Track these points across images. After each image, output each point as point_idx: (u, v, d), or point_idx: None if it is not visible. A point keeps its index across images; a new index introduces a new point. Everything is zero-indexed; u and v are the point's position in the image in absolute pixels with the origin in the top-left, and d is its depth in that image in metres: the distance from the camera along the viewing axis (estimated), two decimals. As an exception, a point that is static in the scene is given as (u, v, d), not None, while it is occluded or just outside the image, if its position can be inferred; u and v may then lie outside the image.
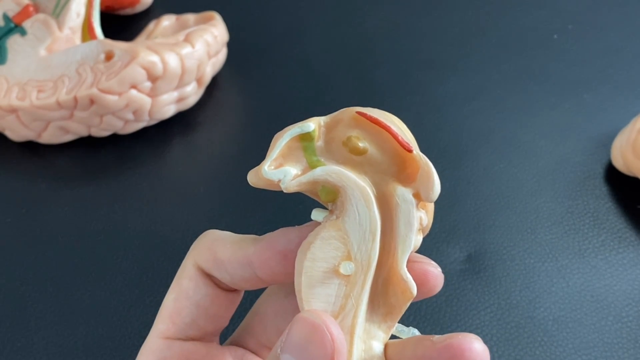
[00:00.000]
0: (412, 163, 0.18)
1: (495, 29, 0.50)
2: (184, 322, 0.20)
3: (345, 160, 0.18)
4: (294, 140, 0.18)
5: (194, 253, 0.20)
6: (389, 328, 0.18)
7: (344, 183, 0.18)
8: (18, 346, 0.32)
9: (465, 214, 0.37)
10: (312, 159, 0.18)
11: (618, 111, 0.43)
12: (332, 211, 0.18)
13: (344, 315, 0.18)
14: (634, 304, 0.33)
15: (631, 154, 0.36)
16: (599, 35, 0.49)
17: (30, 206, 0.39)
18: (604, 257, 0.35)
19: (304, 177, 0.18)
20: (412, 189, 0.18)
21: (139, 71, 0.38)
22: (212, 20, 0.44)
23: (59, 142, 0.41)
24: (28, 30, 0.40)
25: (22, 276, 0.35)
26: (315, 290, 0.18)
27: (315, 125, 0.18)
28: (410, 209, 0.18)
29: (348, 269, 0.18)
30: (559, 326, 0.32)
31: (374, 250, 0.18)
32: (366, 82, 0.46)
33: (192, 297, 0.20)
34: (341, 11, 0.52)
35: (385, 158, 0.18)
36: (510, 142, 0.41)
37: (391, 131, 0.18)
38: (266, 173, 0.18)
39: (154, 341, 0.20)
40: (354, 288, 0.18)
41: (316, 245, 0.18)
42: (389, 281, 0.18)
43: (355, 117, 0.18)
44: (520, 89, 0.45)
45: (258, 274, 0.19)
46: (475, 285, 0.34)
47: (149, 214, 0.38)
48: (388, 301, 0.18)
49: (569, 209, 0.38)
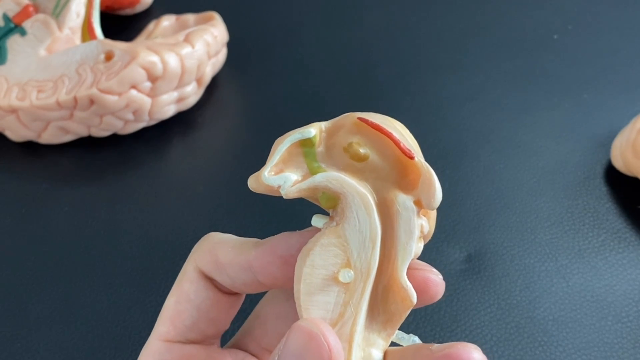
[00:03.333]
0: (413, 170, 0.18)
1: (495, 29, 0.50)
2: (184, 325, 0.20)
3: (346, 167, 0.18)
4: (295, 145, 0.18)
5: (195, 256, 0.20)
6: (388, 336, 0.18)
7: (345, 190, 0.18)
8: (18, 346, 0.32)
9: (465, 214, 0.37)
10: (312, 165, 0.18)
11: (618, 111, 0.43)
12: (333, 218, 0.18)
13: (342, 323, 0.18)
14: (634, 304, 0.33)
15: (631, 154, 0.36)
16: (599, 35, 0.49)
17: (30, 206, 0.39)
18: (604, 257, 0.35)
19: (304, 184, 0.18)
20: (413, 196, 0.18)
21: (139, 71, 0.38)
22: (212, 20, 0.44)
23: (59, 142, 0.41)
24: (28, 30, 0.40)
25: (22, 276, 0.35)
26: (314, 297, 0.18)
27: (316, 131, 0.18)
28: (411, 217, 0.18)
29: (347, 277, 0.18)
30: (559, 326, 0.32)
31: (373, 258, 0.18)
32: (366, 82, 0.46)
33: (192, 300, 0.20)
34: (341, 11, 0.52)
35: (387, 164, 0.18)
36: (510, 142, 0.41)
37: (392, 137, 0.18)
38: (266, 179, 0.18)
39: (155, 343, 0.20)
40: (353, 296, 0.18)
41: (315, 252, 0.18)
42: (389, 289, 0.18)
43: (356, 123, 0.18)
44: (520, 89, 0.45)
45: (258, 278, 0.19)
46: (475, 285, 0.34)
47: (149, 214, 0.38)
48: (388, 309, 0.18)
49: (569, 209, 0.38)
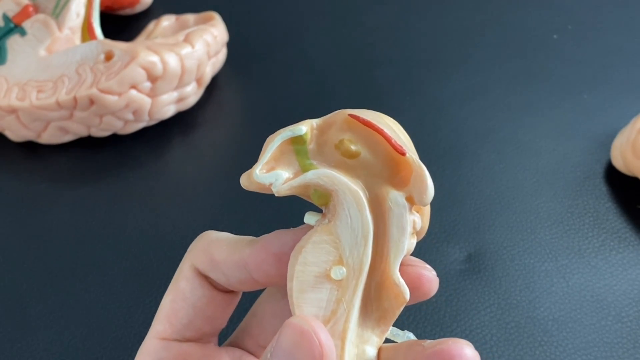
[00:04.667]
0: (405, 166, 0.18)
1: (495, 29, 0.50)
2: (180, 323, 0.20)
3: (338, 164, 0.18)
4: (286, 143, 0.18)
5: (191, 255, 0.21)
6: (382, 332, 0.18)
7: (336, 187, 0.18)
8: (18, 346, 0.32)
9: (465, 214, 0.37)
10: (304, 162, 0.18)
11: (618, 111, 0.43)
12: (325, 215, 0.18)
13: (335, 320, 0.18)
14: (634, 304, 0.33)
15: (631, 153, 0.36)
16: (599, 35, 0.49)
17: (30, 206, 0.39)
18: (604, 257, 0.35)
19: (295, 181, 0.18)
20: (405, 193, 0.18)
21: (139, 71, 0.38)
22: (211, 20, 0.44)
23: (59, 142, 0.41)
24: (28, 30, 0.40)
25: (22, 276, 0.35)
26: (307, 294, 0.18)
27: (308, 128, 0.18)
28: (402, 213, 0.18)
29: (339, 274, 0.18)
30: (559, 326, 0.32)
31: (366, 255, 0.18)
32: (366, 81, 0.46)
33: (188, 298, 0.20)
34: (341, 11, 0.52)
35: (378, 161, 0.18)
36: (510, 142, 0.41)
37: (384, 134, 0.18)
38: (257, 177, 0.18)
39: (151, 342, 0.20)
40: (346, 293, 0.18)
41: (307, 250, 0.18)
42: (382, 285, 0.18)
43: (347, 120, 0.18)
44: (520, 89, 0.45)
45: (253, 276, 0.19)
46: (475, 285, 0.34)
47: (148, 214, 0.38)
48: (381, 305, 0.18)
49: (569, 209, 0.38)
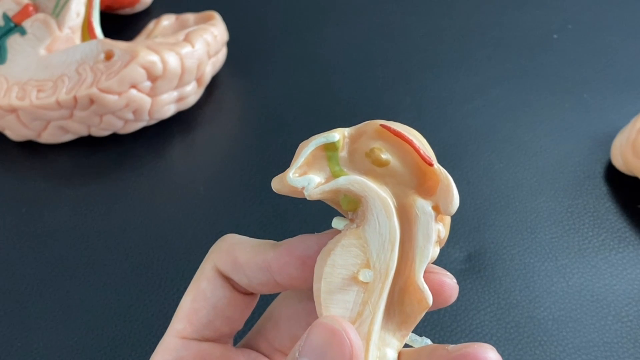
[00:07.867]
0: (432, 176, 0.19)
1: (495, 29, 0.50)
2: (200, 323, 0.21)
3: (368, 171, 0.19)
4: (319, 149, 0.19)
5: (213, 256, 0.21)
6: (403, 337, 0.19)
7: (366, 193, 0.18)
8: (18, 346, 0.32)
9: (465, 214, 0.37)
10: (335, 169, 0.19)
11: (618, 111, 0.43)
12: (353, 220, 0.19)
13: (360, 322, 0.18)
14: (634, 304, 0.33)
15: (631, 153, 0.36)
16: (599, 35, 0.49)
17: (30, 206, 0.39)
18: (604, 256, 0.35)
19: (327, 186, 0.18)
20: (431, 202, 0.19)
21: (139, 71, 0.38)
22: (212, 19, 0.44)
23: (59, 141, 0.41)
24: (28, 29, 0.40)
25: (22, 276, 0.35)
26: (334, 296, 0.18)
27: (340, 136, 0.19)
28: (429, 221, 0.18)
29: (367, 277, 0.18)
30: (559, 326, 0.32)
31: (392, 260, 0.18)
32: (366, 81, 0.46)
33: (209, 298, 0.21)
34: (341, 11, 0.52)
35: (407, 170, 0.19)
36: (510, 142, 0.41)
37: (413, 145, 0.19)
38: (291, 180, 0.18)
39: (171, 340, 0.21)
40: (372, 295, 0.18)
41: (336, 252, 0.18)
42: (405, 290, 0.19)
43: (378, 130, 0.19)
44: (520, 89, 0.45)
45: (276, 279, 0.20)
46: (475, 285, 0.34)
47: (148, 214, 0.38)
48: (404, 310, 0.19)
49: (568, 208, 0.38)
